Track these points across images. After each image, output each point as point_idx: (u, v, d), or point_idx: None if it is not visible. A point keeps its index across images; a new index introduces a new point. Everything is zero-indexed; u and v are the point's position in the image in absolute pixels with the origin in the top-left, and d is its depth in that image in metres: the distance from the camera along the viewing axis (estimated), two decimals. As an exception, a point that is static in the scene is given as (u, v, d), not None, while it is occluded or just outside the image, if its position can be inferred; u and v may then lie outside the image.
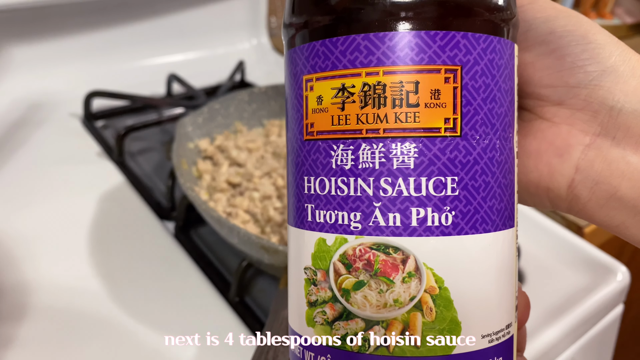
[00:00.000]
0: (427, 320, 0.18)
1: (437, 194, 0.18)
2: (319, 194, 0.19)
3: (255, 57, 0.89)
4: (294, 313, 0.21)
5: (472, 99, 0.18)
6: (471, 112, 0.19)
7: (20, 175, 0.59)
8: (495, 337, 0.19)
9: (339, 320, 0.19)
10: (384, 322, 0.18)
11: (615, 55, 0.21)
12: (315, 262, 0.19)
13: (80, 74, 0.77)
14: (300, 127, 0.20)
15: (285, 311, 0.39)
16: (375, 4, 0.18)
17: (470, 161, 0.19)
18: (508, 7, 0.20)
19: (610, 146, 0.21)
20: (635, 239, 0.22)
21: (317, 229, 0.19)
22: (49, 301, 0.45)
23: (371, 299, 0.18)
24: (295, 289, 0.20)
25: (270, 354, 0.36)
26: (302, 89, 0.20)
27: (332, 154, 0.19)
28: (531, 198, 0.24)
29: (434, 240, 0.18)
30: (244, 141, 0.59)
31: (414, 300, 0.18)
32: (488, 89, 0.19)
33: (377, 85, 0.18)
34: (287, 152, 0.21)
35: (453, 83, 0.18)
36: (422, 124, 0.18)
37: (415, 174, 0.18)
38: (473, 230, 0.19)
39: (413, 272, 0.18)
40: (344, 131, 0.19)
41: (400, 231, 0.18)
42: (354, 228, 0.19)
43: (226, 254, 0.52)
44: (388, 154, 0.18)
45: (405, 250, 0.18)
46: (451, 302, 0.18)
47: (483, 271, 0.19)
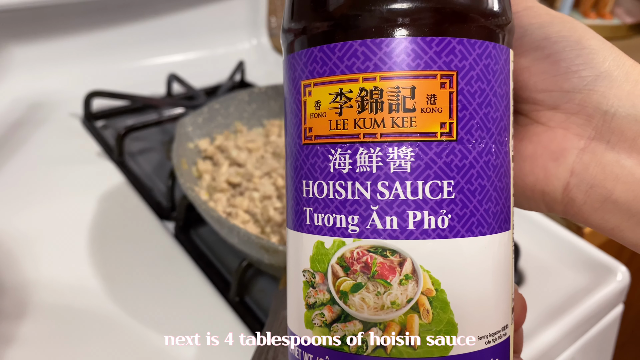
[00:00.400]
0: (424, 321, 0.18)
1: (434, 198, 0.18)
2: (317, 197, 0.19)
3: (255, 57, 0.89)
4: (292, 315, 0.21)
5: (467, 103, 0.19)
6: (467, 117, 0.19)
7: (20, 175, 0.59)
8: (491, 339, 0.19)
9: (337, 322, 0.19)
10: (382, 323, 0.18)
11: (609, 60, 0.21)
12: (314, 265, 0.19)
13: (80, 74, 0.77)
14: (298, 132, 0.20)
15: (285, 311, 0.39)
16: (372, 10, 0.18)
17: (466, 165, 0.19)
18: (503, 13, 0.20)
19: (604, 150, 0.21)
20: (629, 242, 0.22)
21: (316, 232, 0.20)
22: (49, 301, 0.45)
23: (369, 301, 0.19)
24: (294, 291, 0.21)
25: (270, 354, 0.36)
26: (301, 94, 0.20)
27: (330, 158, 0.19)
28: (527, 201, 0.24)
29: (430, 243, 0.18)
30: (244, 141, 0.59)
31: (411, 302, 0.18)
32: (484, 94, 0.19)
33: (374, 91, 0.18)
34: (286, 155, 0.22)
35: (449, 88, 0.18)
36: (419, 129, 0.18)
37: (412, 178, 0.18)
38: (469, 233, 0.19)
39: (410, 274, 0.18)
40: (342, 135, 0.19)
41: (397, 234, 0.18)
42: (352, 231, 0.19)
43: (226, 254, 0.52)
44: (385, 158, 0.18)
45: (402, 253, 0.18)
46: (448, 304, 0.18)
47: (479, 273, 0.19)
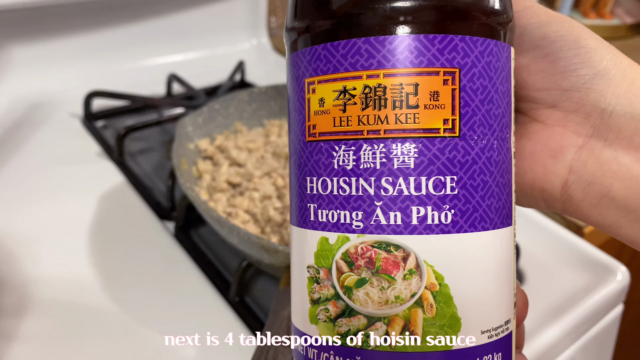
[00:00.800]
0: (427, 316, 0.18)
1: (437, 193, 0.18)
2: (322, 193, 0.20)
3: (255, 57, 0.89)
4: (297, 311, 0.21)
5: (470, 100, 0.19)
6: (469, 113, 0.19)
7: (20, 175, 0.59)
8: (494, 333, 0.19)
9: (341, 317, 0.19)
10: (386, 318, 0.19)
11: (607, 59, 0.21)
12: (318, 261, 0.20)
13: (80, 74, 0.77)
14: (302, 129, 0.20)
15: (285, 311, 0.39)
16: (375, 8, 0.18)
17: (468, 161, 0.19)
18: (504, 11, 0.20)
19: (602, 147, 0.22)
20: (627, 238, 0.22)
21: (320, 228, 0.20)
22: (49, 300, 0.45)
23: (373, 296, 0.19)
24: (298, 287, 0.21)
25: (270, 354, 0.36)
26: (305, 92, 0.20)
27: (334, 154, 0.19)
28: (526, 199, 0.24)
29: (434, 238, 0.18)
30: (244, 141, 0.59)
31: (414, 297, 0.18)
32: (485, 90, 0.19)
33: (377, 88, 0.18)
34: (290, 153, 0.22)
35: (451, 85, 0.19)
36: (422, 125, 0.18)
37: (416, 174, 0.18)
38: (472, 229, 0.19)
39: (414, 269, 0.18)
40: (346, 132, 0.19)
41: (401, 229, 0.18)
42: (356, 227, 0.19)
43: (226, 254, 0.52)
44: (389, 154, 0.18)
45: (406, 248, 0.18)
46: (451, 299, 0.18)
47: (482, 268, 0.19)
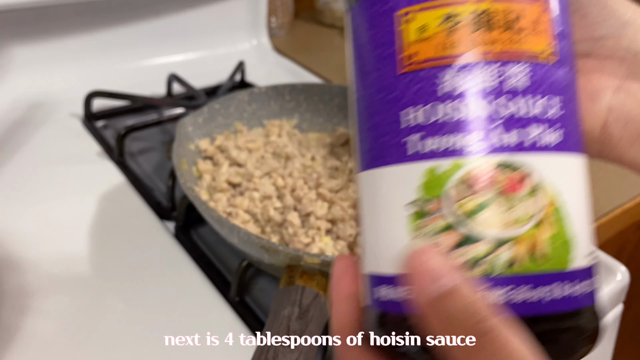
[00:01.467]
0: (548, 235, 0.18)
1: (550, 112, 0.19)
2: (427, 122, 0.19)
3: (255, 57, 0.89)
4: (386, 260, 0.20)
5: (562, 27, 0.20)
6: (563, 41, 0.20)
7: (20, 175, 0.59)
8: (592, 257, 0.20)
9: (461, 247, 0.18)
10: (509, 240, 0.18)
11: (630, 12, 0.23)
12: (427, 192, 0.19)
13: (80, 74, 0.77)
14: (392, 63, 0.20)
15: (285, 311, 0.39)
16: None
17: (568, 84, 0.20)
18: None
19: (639, 87, 0.23)
20: None
21: (425, 158, 0.19)
22: (49, 300, 0.45)
23: (496, 217, 0.18)
24: (389, 233, 0.20)
25: (270, 354, 0.36)
26: (393, 25, 0.20)
27: (441, 80, 0.19)
28: None
29: (551, 156, 0.19)
30: (244, 141, 0.59)
31: (537, 216, 0.18)
32: (568, 20, 0.21)
33: (484, 13, 0.19)
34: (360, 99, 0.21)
35: (550, 14, 0.20)
36: (529, 48, 0.19)
37: (529, 93, 0.19)
38: (576, 149, 0.20)
39: (535, 188, 0.18)
40: (454, 56, 0.19)
41: (519, 148, 0.18)
42: (471, 150, 0.18)
43: (226, 254, 0.52)
44: (501, 75, 0.19)
45: (526, 167, 0.18)
46: (567, 218, 0.19)
47: (583, 189, 0.20)
